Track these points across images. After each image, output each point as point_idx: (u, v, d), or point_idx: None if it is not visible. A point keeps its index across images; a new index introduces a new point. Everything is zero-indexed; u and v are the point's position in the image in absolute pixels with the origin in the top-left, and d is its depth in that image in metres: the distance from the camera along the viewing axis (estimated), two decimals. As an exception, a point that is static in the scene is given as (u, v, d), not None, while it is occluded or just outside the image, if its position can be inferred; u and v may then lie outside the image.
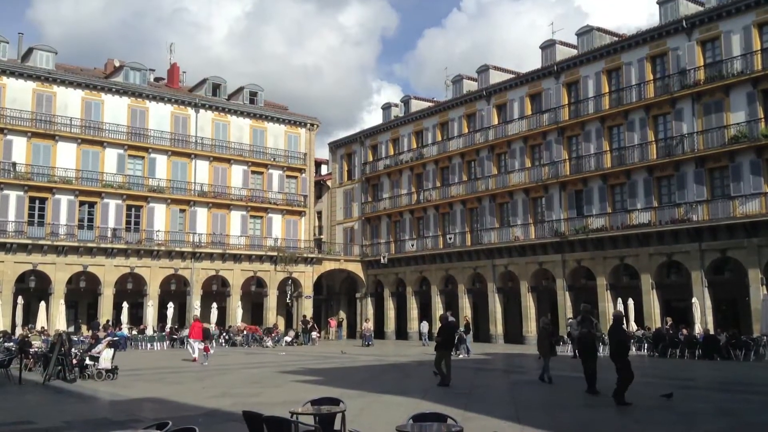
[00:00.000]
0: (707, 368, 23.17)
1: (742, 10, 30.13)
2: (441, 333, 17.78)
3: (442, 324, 18.23)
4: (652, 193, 33.11)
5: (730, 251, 30.08)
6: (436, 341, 17.57)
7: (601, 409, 13.00)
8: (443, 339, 17.27)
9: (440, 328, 18.21)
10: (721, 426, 11.33)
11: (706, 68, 31.55)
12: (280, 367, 23.47)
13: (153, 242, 41.46)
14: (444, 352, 16.89)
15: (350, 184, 52.58)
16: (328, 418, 8.34)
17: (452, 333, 18.45)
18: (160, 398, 15.09)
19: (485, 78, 43.16)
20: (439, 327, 18.61)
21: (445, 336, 17.44)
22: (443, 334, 17.51)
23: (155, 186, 42.33)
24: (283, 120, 48.82)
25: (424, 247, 44.95)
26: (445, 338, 17.34)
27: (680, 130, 32.18)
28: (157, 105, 43.51)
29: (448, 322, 18.57)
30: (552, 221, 37.24)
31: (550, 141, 38.04)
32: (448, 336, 17.60)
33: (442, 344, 17.08)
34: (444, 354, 16.82)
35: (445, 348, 17.04)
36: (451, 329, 18.36)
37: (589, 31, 37.89)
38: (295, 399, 12.36)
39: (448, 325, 18.34)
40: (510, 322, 40.57)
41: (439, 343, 17.22)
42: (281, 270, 45.51)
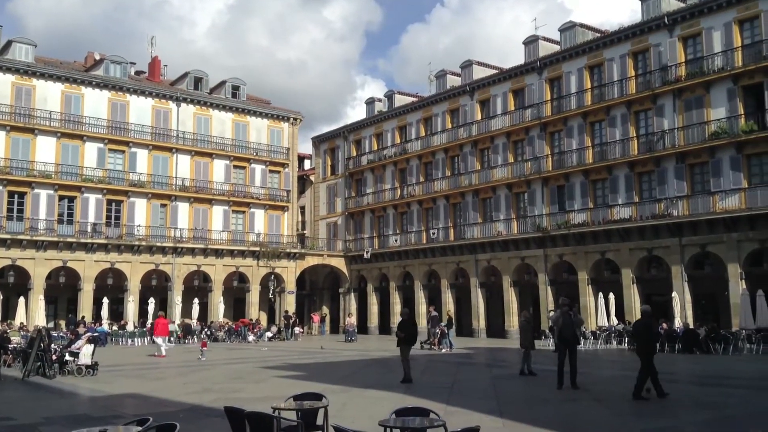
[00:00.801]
0: (687, 362, 23.40)
1: (723, 7, 30.37)
2: (403, 328, 17.05)
3: (404, 319, 17.62)
4: (633, 189, 33.34)
5: (709, 246, 30.37)
6: (398, 336, 16.95)
7: (583, 402, 13.08)
8: (406, 334, 16.71)
9: (401, 323, 17.50)
10: (703, 418, 11.44)
11: (687, 64, 31.79)
12: (263, 362, 23.40)
13: (134, 237, 41.12)
14: (404, 347, 16.44)
15: (333, 179, 52.46)
16: (311, 414, 8.32)
17: (414, 328, 17.52)
18: (140, 394, 14.98)
19: (469, 73, 43.22)
20: (400, 322, 17.88)
21: (407, 331, 16.85)
22: (405, 330, 16.89)
23: (136, 180, 41.96)
24: (265, 114, 48.56)
25: (407, 242, 44.97)
26: (407, 334, 16.76)
27: (661, 126, 32.43)
28: (137, 99, 43.10)
29: (409, 317, 18.19)
30: (534, 216, 37.41)
31: (532, 136, 38.18)
32: (410, 331, 16.98)
33: (404, 340, 16.55)
34: (404, 349, 16.42)
35: (407, 343, 16.52)
36: (412, 324, 17.59)
37: (572, 27, 38.04)
38: (277, 394, 12.31)
39: (410, 320, 17.84)
40: (492, 317, 40.74)
41: (401, 338, 16.65)
42: (264, 265, 45.34)
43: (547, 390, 14.73)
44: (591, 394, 14.04)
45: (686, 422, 11.14)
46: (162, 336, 26.94)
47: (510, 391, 14.96)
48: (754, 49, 29.42)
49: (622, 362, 24.03)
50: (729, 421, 11.09)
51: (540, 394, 14.49)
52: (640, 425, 10.69)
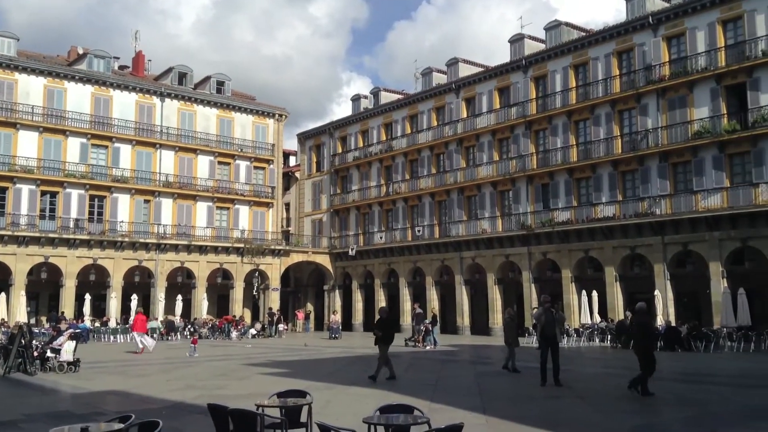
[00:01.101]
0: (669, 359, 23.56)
1: (707, 7, 30.62)
2: (380, 326, 16.73)
3: (382, 317, 17.32)
4: (617, 187, 33.56)
5: (692, 245, 30.64)
6: (376, 334, 16.61)
7: (566, 399, 13.14)
8: (384, 333, 16.43)
9: (378, 321, 17.18)
10: (684, 415, 11.53)
11: (671, 64, 32.03)
12: (246, 359, 23.32)
13: (116, 233, 40.82)
14: (382, 345, 16.23)
15: (319, 176, 52.36)
16: (295, 411, 8.29)
17: (392, 326, 17.12)
18: (123, 391, 14.87)
19: (454, 71, 43.28)
20: (378, 320, 17.51)
21: (385, 330, 16.57)
22: (383, 328, 16.62)
23: (119, 176, 41.64)
24: (250, 110, 48.35)
25: (392, 240, 44.99)
26: (385, 332, 16.48)
27: (645, 125, 32.65)
28: (121, 93, 42.75)
29: (388, 315, 17.95)
30: (519, 214, 37.56)
31: (517, 135, 38.31)
32: (387, 330, 16.68)
33: (382, 338, 16.31)
34: (382, 348, 16.23)
35: (384, 341, 16.27)
36: (390, 322, 17.23)
37: (557, 25, 38.19)
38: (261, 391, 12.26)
39: (389, 318, 17.57)
40: (477, 314, 40.88)
41: (379, 337, 16.39)
42: (248, 262, 45.18)
43: (531, 387, 14.79)
44: (574, 391, 14.12)
45: (668, 419, 11.23)
46: (140, 332, 26.86)
47: (494, 388, 15.00)
48: (737, 50, 29.70)
49: (605, 359, 24.20)
50: (710, 418, 11.19)
51: (523, 391, 14.54)
52: (623, 422, 10.76)
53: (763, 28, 28.90)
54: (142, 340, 26.50)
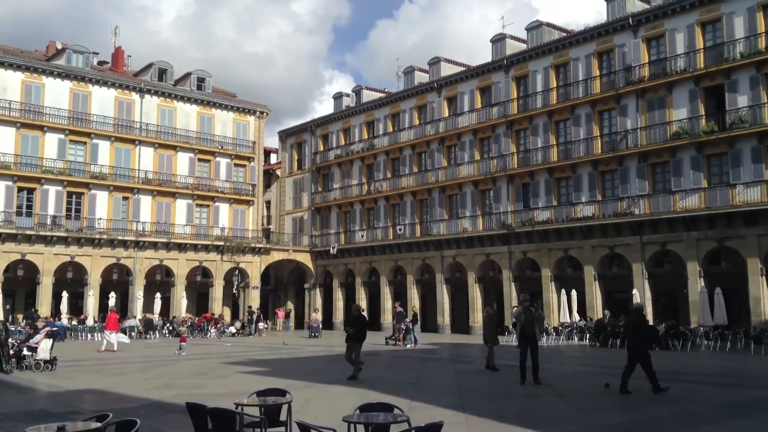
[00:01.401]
0: (646, 358, 23.78)
1: (686, 9, 30.93)
2: (352, 324, 16.56)
3: (354, 315, 17.16)
4: (597, 187, 33.81)
5: (670, 244, 30.95)
6: (348, 332, 16.49)
7: (546, 397, 13.22)
8: (355, 331, 16.29)
9: (350, 319, 17.00)
10: (661, 414, 11.64)
11: (651, 65, 32.32)
12: (226, 358, 23.20)
13: (94, 230, 40.40)
14: (355, 344, 16.14)
15: (300, 174, 52.19)
16: (274, 410, 8.25)
17: (364, 325, 16.91)
18: (100, 390, 14.73)
19: (436, 70, 43.34)
20: (350, 318, 17.35)
21: (357, 328, 16.44)
22: (355, 326, 16.44)
23: (97, 172, 41.21)
24: (231, 107, 48.06)
25: (374, 238, 44.97)
26: (357, 330, 16.35)
27: (624, 126, 32.91)
28: (100, 89, 42.31)
29: (359, 313, 17.71)
30: (499, 213, 37.71)
31: (499, 134, 38.46)
32: (359, 328, 16.53)
33: (354, 336, 16.20)
34: (355, 346, 16.12)
35: (356, 340, 16.20)
36: (363, 321, 17.07)
37: (539, 26, 38.37)
38: (240, 390, 12.20)
39: (360, 316, 17.40)
40: (457, 313, 41.00)
41: (351, 335, 16.32)
42: (228, 260, 44.94)
43: (510, 385, 14.86)
44: (553, 390, 14.20)
45: (646, 417, 11.33)
46: (113, 330, 26.66)
47: (473, 387, 15.05)
48: (715, 51, 30.03)
49: (584, 358, 24.38)
50: (688, 416, 11.30)
51: (503, 389, 14.61)
52: (602, 420, 10.85)
53: (741, 30, 29.25)
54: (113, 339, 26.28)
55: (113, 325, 26.89)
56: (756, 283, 28.11)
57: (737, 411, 11.89)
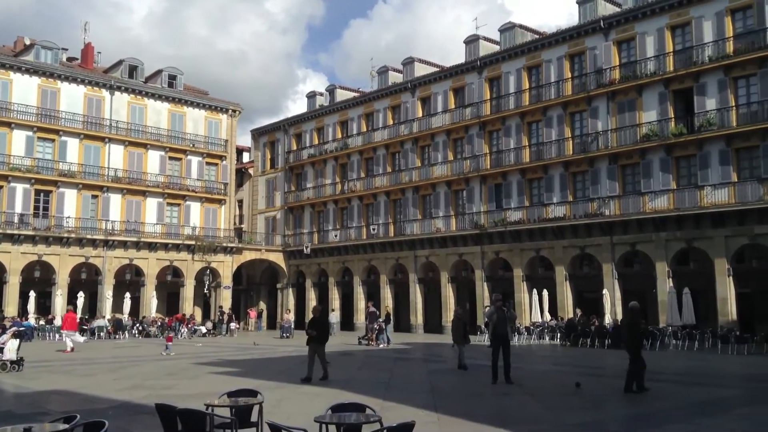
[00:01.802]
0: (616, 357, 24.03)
1: (656, 12, 31.37)
2: (314, 326, 16.23)
3: (315, 316, 16.85)
4: (568, 188, 34.13)
5: (639, 245, 31.35)
6: (310, 334, 16.07)
7: (517, 397, 13.31)
8: (318, 333, 16.01)
9: (312, 321, 16.68)
10: (630, 412, 11.79)
11: (621, 68, 32.71)
12: (197, 358, 22.99)
13: (63, 229, 39.75)
14: (318, 346, 15.88)
15: (273, 173, 51.91)
16: (245, 410, 8.19)
17: (326, 326, 16.63)
18: (68, 390, 14.50)
19: (410, 70, 43.41)
20: (311, 319, 17.00)
21: (320, 329, 16.18)
22: (317, 328, 16.15)
23: (66, 170, 40.56)
24: (203, 105, 47.62)
25: (347, 238, 44.90)
26: (319, 332, 16.08)
27: (595, 128, 33.27)
28: (69, 86, 41.65)
29: (322, 314, 17.44)
30: (472, 213, 37.89)
31: (472, 135, 38.63)
32: (322, 329, 16.29)
33: (317, 338, 15.92)
34: (318, 348, 15.87)
35: (319, 342, 15.93)
36: (325, 322, 16.78)
37: (512, 28, 38.62)
38: (211, 391, 12.10)
39: (322, 317, 17.08)
40: (430, 312, 41.11)
41: (313, 337, 15.92)
42: (199, 259, 44.53)
43: (482, 385, 14.94)
44: (524, 389, 14.30)
45: (615, 415, 11.47)
46: (70, 330, 26.35)
47: (445, 386, 15.10)
48: (684, 55, 30.49)
49: (555, 357, 24.60)
50: (656, 415, 11.46)
51: (475, 388, 14.67)
52: (572, 419, 10.94)
53: (710, 34, 29.74)
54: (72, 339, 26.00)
55: (71, 324, 26.60)
56: (723, 284, 28.60)
57: (704, 410, 12.09)
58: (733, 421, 10.95)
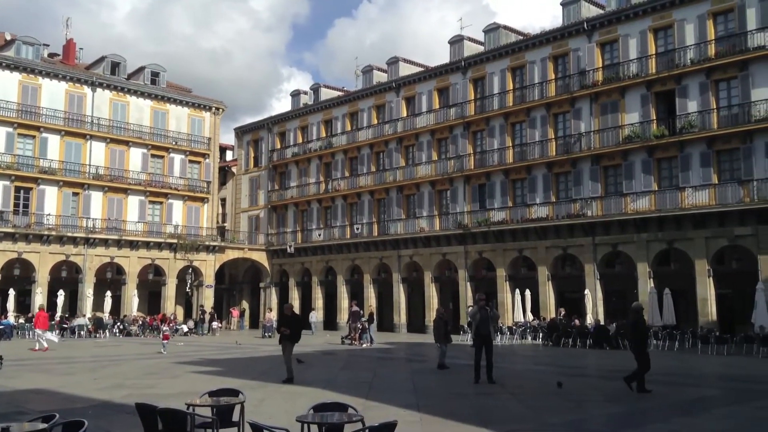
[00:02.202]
0: (597, 357, 24.27)
1: (639, 15, 31.60)
2: (287, 324, 15.86)
3: (288, 315, 16.51)
4: (551, 189, 34.30)
5: (621, 246, 31.58)
6: (283, 333, 15.67)
7: (499, 396, 13.33)
8: (292, 331, 15.66)
9: (285, 319, 16.35)
10: (611, 412, 11.86)
11: (604, 70, 32.92)
12: (178, 357, 22.82)
13: (43, 226, 39.34)
14: (289, 344, 15.56)
15: (256, 171, 51.70)
16: (227, 410, 8.13)
17: (299, 325, 16.24)
18: (47, 389, 14.34)
19: (395, 70, 43.41)
20: (283, 317, 16.74)
21: (292, 327, 15.82)
22: (290, 326, 15.77)
23: (46, 167, 40.14)
24: (186, 102, 47.33)
25: (331, 237, 44.82)
26: (292, 330, 15.73)
27: (578, 129, 33.46)
28: (50, 82, 41.23)
29: (293, 313, 17.08)
30: (456, 213, 37.98)
31: (456, 135, 38.71)
32: (295, 328, 15.93)
33: (290, 337, 15.57)
34: (288, 347, 15.56)
35: (291, 341, 15.61)
36: (298, 321, 16.40)
37: (496, 28, 38.75)
38: (192, 390, 12.02)
39: (295, 316, 16.77)
40: (413, 312, 41.14)
41: (286, 335, 15.60)
42: (181, 258, 44.24)
43: (465, 384, 14.96)
44: (506, 389, 14.34)
45: (596, 415, 11.53)
46: (42, 329, 26.15)
47: (428, 386, 15.10)
48: (666, 57, 30.75)
49: (537, 357, 24.71)
50: (637, 414, 11.54)
51: (457, 388, 14.68)
52: (554, 418, 10.98)
53: (692, 37, 30.01)
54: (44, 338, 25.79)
55: (43, 323, 26.44)
56: (703, 284, 28.88)
57: (685, 409, 12.18)
58: (713, 421, 11.04)
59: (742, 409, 12.15)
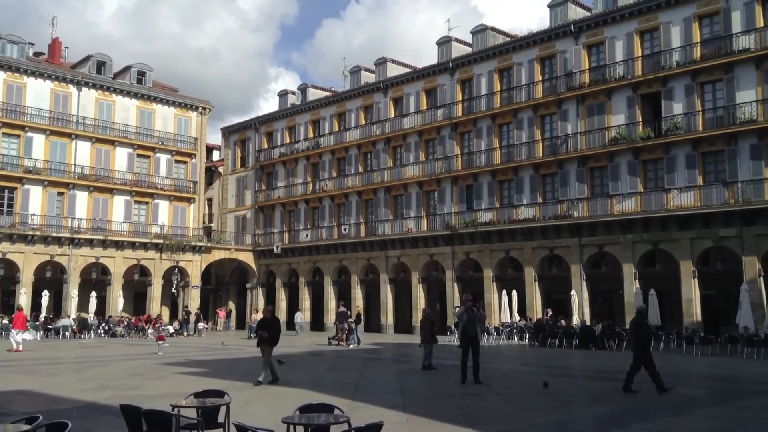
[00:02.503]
0: (583, 357, 24.37)
1: (626, 18, 31.78)
2: (266, 327, 15.61)
3: (266, 317, 16.34)
4: (537, 190, 34.41)
5: (607, 247, 31.74)
6: (260, 336, 15.53)
7: (486, 397, 13.35)
8: (270, 334, 15.43)
9: (262, 321, 16.20)
10: (597, 412, 11.91)
11: (591, 72, 33.08)
12: (163, 358, 22.70)
13: (27, 226, 38.98)
14: (267, 347, 15.38)
15: (243, 172, 51.51)
16: (212, 411, 8.09)
17: (277, 327, 15.91)
18: (31, 391, 14.21)
19: (383, 71, 43.41)
20: (261, 320, 16.58)
21: (270, 330, 15.58)
22: (268, 329, 15.54)
23: (31, 167, 39.78)
24: (173, 102, 47.07)
25: (318, 237, 44.73)
26: (271, 333, 15.50)
27: (565, 130, 33.59)
28: (35, 81, 40.88)
29: (272, 314, 17.14)
30: (443, 214, 38.01)
31: (443, 136, 38.76)
32: (273, 330, 15.66)
33: (268, 339, 15.36)
34: (267, 350, 15.37)
35: (270, 343, 15.41)
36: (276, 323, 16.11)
37: (484, 30, 38.85)
38: (177, 391, 11.95)
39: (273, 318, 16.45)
40: (401, 312, 41.14)
41: (263, 338, 15.36)
42: (167, 258, 43.98)
43: (451, 385, 14.97)
44: (493, 389, 14.36)
45: (583, 415, 11.57)
46: (19, 330, 26.00)
47: (414, 387, 15.10)
48: (653, 60, 30.94)
49: (523, 357, 24.78)
50: (623, 415, 11.59)
51: (444, 389, 14.69)
52: (540, 418, 11.01)
53: (677, 39, 30.22)
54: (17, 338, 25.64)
55: (20, 324, 26.35)
56: (688, 285, 29.08)
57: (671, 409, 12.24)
58: (698, 421, 11.12)
59: (727, 410, 12.24)
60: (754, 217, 27.37)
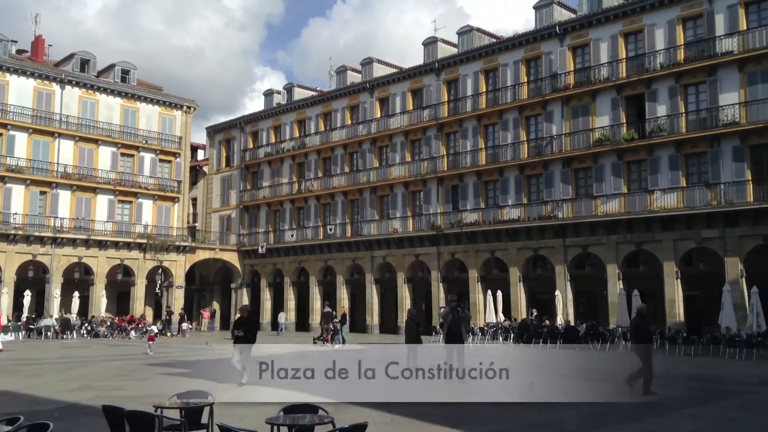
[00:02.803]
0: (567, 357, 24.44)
1: (610, 20, 31.98)
2: (240, 326, 15.32)
3: (242, 316, 16.08)
4: (523, 191, 34.54)
5: (591, 247, 31.92)
6: (237, 335, 15.23)
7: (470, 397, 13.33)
8: (246, 333, 15.15)
9: (239, 320, 15.91)
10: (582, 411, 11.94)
11: (576, 73, 33.25)
12: (147, 359, 22.54)
13: (9, 225, 38.59)
14: (245, 347, 14.97)
15: (228, 171, 51.28)
16: (196, 412, 8.03)
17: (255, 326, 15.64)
18: (12, 391, 14.05)
19: (369, 71, 43.38)
20: (237, 318, 16.29)
21: (247, 329, 15.32)
22: (244, 328, 15.25)
23: (13, 165, 39.40)
24: (157, 101, 46.77)
25: (303, 238, 44.62)
26: (246, 332, 15.22)
27: (550, 131, 33.75)
28: (18, 79, 40.48)
29: (249, 314, 16.68)
30: (429, 215, 38.06)
31: (429, 136, 38.80)
32: (250, 329, 15.46)
33: (245, 338, 15.06)
34: (245, 349, 14.96)
35: (246, 342, 15.06)
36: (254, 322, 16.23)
37: (470, 31, 38.94)
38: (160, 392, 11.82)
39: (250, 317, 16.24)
40: (386, 313, 41.12)
41: (240, 337, 15.05)
42: (151, 258, 43.69)
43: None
44: (478, 389, 14.34)
45: (567, 415, 11.60)
46: None
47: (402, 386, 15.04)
48: (637, 62, 31.16)
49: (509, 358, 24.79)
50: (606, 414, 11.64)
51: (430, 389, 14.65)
52: (524, 418, 11.04)
53: (661, 42, 30.45)
54: None
55: None
56: (671, 286, 29.31)
57: (651, 410, 12.31)
58: (682, 420, 11.19)
59: (710, 410, 12.33)
60: (737, 219, 27.64)
